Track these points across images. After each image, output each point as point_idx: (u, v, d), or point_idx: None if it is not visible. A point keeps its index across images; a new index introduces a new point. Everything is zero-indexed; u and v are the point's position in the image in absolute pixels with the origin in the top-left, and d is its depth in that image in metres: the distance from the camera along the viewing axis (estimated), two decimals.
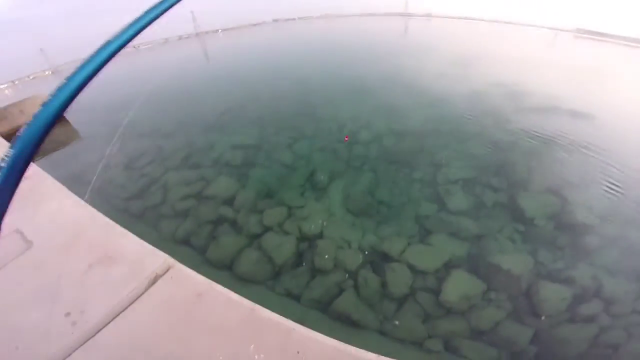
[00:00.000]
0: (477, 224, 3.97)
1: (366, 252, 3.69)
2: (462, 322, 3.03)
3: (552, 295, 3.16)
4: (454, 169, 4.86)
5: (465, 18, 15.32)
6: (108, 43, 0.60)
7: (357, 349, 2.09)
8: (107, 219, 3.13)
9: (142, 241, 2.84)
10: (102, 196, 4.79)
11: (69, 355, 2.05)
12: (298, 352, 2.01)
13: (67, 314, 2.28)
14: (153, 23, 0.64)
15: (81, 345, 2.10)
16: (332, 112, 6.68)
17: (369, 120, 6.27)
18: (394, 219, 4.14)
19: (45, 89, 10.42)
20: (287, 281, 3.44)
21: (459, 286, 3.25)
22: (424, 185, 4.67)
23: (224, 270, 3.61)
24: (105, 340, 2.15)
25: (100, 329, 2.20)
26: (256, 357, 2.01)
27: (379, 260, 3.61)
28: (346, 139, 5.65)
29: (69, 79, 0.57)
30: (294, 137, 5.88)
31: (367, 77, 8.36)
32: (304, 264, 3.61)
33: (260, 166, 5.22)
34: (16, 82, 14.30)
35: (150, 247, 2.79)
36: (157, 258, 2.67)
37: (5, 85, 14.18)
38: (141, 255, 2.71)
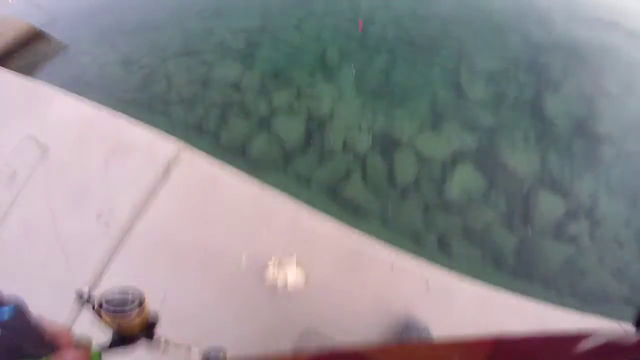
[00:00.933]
0: (493, 116, 3.74)
1: (376, 136, 3.60)
2: (458, 218, 3.06)
3: (548, 206, 3.11)
4: (481, 58, 4.38)
5: None
6: None
7: (362, 234, 2.20)
8: (110, 111, 3.05)
9: (149, 127, 2.81)
10: (104, 92, 4.65)
11: (110, 257, 2.20)
12: (306, 233, 2.13)
13: (99, 216, 2.39)
14: None
15: (117, 245, 2.23)
16: None
17: (389, 1, 5.44)
18: (407, 102, 3.93)
19: (9, 11, 9.20)
20: (297, 164, 3.48)
21: (463, 180, 3.21)
22: (445, 71, 4.29)
23: (238, 156, 3.65)
24: (137, 236, 2.26)
25: (131, 227, 2.29)
26: (268, 237, 2.12)
27: (388, 144, 3.54)
28: (360, 27, 4.97)
29: None
30: (301, 17, 5.24)
31: None
32: (312, 146, 3.59)
33: (265, 47, 4.80)
34: None
35: (158, 132, 2.77)
36: (166, 143, 2.67)
37: None
38: (152, 141, 2.71)
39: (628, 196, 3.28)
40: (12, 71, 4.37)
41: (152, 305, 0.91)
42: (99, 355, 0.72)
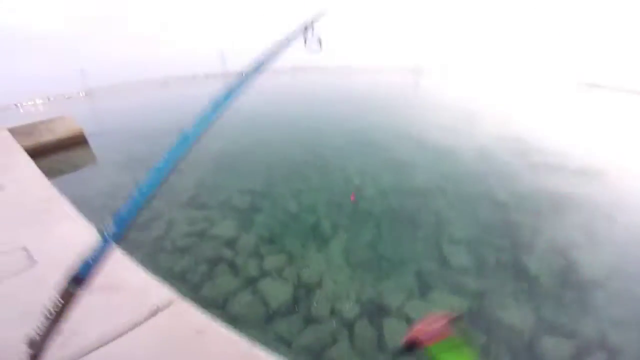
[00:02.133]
0: (479, 282, 3.91)
1: (364, 305, 3.59)
2: None
3: (556, 348, 3.09)
4: (457, 228, 4.88)
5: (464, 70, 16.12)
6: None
7: None
8: (115, 247, 3.17)
9: (147, 273, 2.85)
10: (105, 223, 4.83)
11: None
12: None
13: (59, 333, 2.30)
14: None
15: None
16: (340, 164, 6.90)
17: (375, 177, 6.43)
18: (394, 274, 4.07)
19: (75, 110, 10.96)
20: (280, 326, 3.34)
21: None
22: (427, 243, 4.65)
23: (217, 309, 3.53)
24: None
25: (88, 353, 2.13)
26: None
27: (376, 313, 3.51)
28: (352, 198, 5.65)
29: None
30: (300, 188, 6.03)
31: (378, 130, 8.72)
32: (298, 310, 3.52)
33: (265, 212, 5.31)
34: (51, 99, 15.08)
35: (155, 280, 2.78)
36: (160, 291, 2.66)
37: (41, 101, 14.97)
38: (146, 287, 2.71)
39: (634, 323, 3.29)
40: (42, 173, 4.84)
41: None
42: None
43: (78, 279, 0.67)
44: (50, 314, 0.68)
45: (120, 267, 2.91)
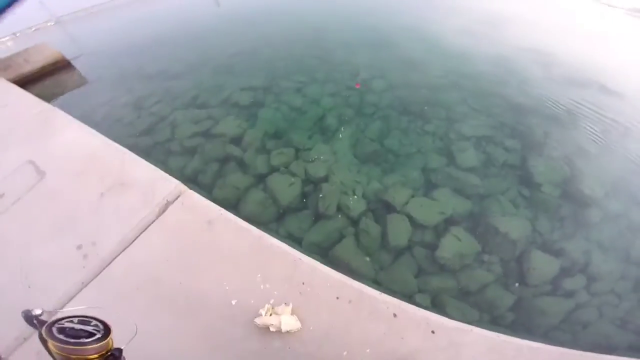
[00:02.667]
0: (483, 183, 3.92)
1: (370, 200, 3.69)
2: (452, 280, 3.09)
3: (542, 265, 3.18)
4: (468, 126, 4.69)
5: None
6: None
7: (361, 284, 2.11)
8: (119, 146, 3.08)
9: (154, 167, 2.80)
10: (111, 133, 4.83)
11: (80, 291, 2.03)
12: (303, 283, 2.02)
13: (79, 247, 2.26)
14: None
15: (92, 279, 2.07)
16: (346, 58, 6.31)
17: (384, 70, 5.93)
18: (400, 168, 4.09)
19: (48, 39, 10.00)
20: (290, 223, 3.50)
21: (455, 244, 3.27)
22: (435, 138, 4.54)
23: (229, 209, 3.70)
24: (116, 272, 2.11)
25: (111, 261, 2.16)
26: (262, 286, 2.00)
27: (381, 209, 3.62)
28: (357, 85, 5.42)
29: None
30: (304, 81, 5.65)
31: (388, 28, 7.73)
32: (307, 207, 3.65)
33: (269, 107, 5.10)
34: (17, 35, 13.69)
35: (162, 173, 2.74)
36: (168, 184, 2.63)
37: (7, 37, 13.61)
38: (153, 181, 2.67)
39: (620, 252, 3.37)
40: (32, 95, 4.61)
41: (118, 343, 0.78)
42: None
43: None
44: None
45: (125, 163, 2.91)
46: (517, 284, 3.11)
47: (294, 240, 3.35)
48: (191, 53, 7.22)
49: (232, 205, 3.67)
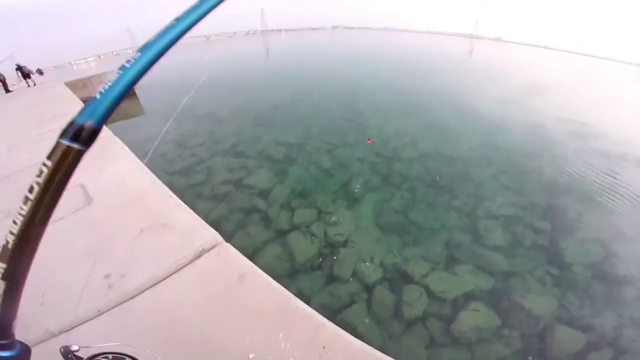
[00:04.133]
0: (509, 262, 3.76)
1: (387, 269, 3.61)
2: (465, 352, 2.92)
3: (566, 339, 2.98)
4: (497, 204, 4.59)
5: (540, 46, 14.26)
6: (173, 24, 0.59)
7: (384, 354, 2.02)
8: (166, 188, 3.22)
9: (195, 215, 2.86)
10: (154, 166, 5.22)
11: (94, 317, 2.03)
12: (324, 347, 1.97)
13: (107, 276, 2.28)
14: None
15: (111, 309, 2.07)
16: (378, 123, 6.63)
17: (416, 138, 6.11)
18: (423, 242, 4.00)
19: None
20: (302, 281, 3.47)
21: (474, 318, 3.13)
22: (462, 214, 4.45)
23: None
24: (138, 307, 2.11)
25: (135, 296, 2.17)
26: (283, 345, 1.96)
27: (398, 279, 3.52)
28: (369, 140, 5.54)
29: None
30: (336, 143, 5.93)
31: (422, 93, 8.14)
32: (322, 267, 3.62)
33: (299, 166, 5.34)
34: (101, 57, 16.38)
35: (202, 221, 2.79)
36: (206, 233, 2.66)
37: (92, 58, 16.33)
38: (192, 228, 2.71)
39: None
40: None
41: None
42: None
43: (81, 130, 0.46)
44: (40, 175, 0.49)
45: (169, 205, 3.00)
46: (534, 358, 2.91)
47: (304, 298, 3.28)
48: (238, 99, 7.94)
49: (249, 255, 3.71)
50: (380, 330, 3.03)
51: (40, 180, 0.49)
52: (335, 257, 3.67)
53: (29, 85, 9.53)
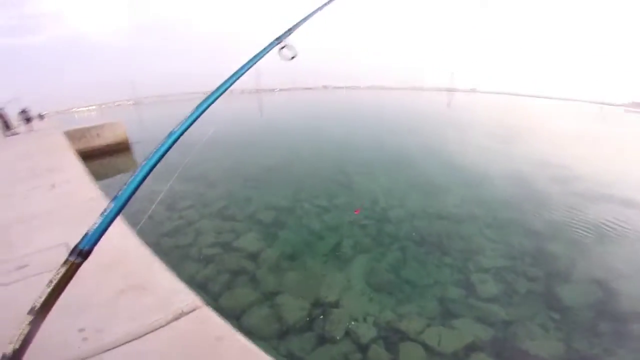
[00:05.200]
0: (506, 311, 3.70)
1: (381, 327, 3.47)
2: None
3: None
4: (486, 257, 4.64)
5: (510, 93, 15.56)
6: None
7: None
8: (150, 252, 3.27)
9: (177, 278, 2.91)
10: (141, 227, 5.18)
11: None
12: None
13: (81, 330, 2.30)
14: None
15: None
16: (367, 184, 6.87)
17: (402, 198, 6.31)
18: (416, 299, 3.91)
19: (125, 117, 11.90)
20: (292, 343, 3.30)
21: None
22: (454, 270, 4.44)
23: (231, 320, 3.57)
24: None
25: (109, 350, 2.16)
26: None
27: (393, 336, 3.37)
28: (357, 212, 5.68)
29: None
30: (325, 206, 6.05)
31: (405, 148, 8.59)
32: (313, 329, 3.45)
33: (289, 230, 5.37)
34: (102, 106, 17.04)
35: (183, 285, 2.83)
36: (186, 296, 2.69)
37: (94, 106, 16.97)
38: (173, 291, 2.75)
39: None
40: (92, 178, 5.06)
41: None
42: None
43: (81, 251, 0.84)
44: (51, 283, 0.80)
45: (151, 269, 3.02)
46: None
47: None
48: (229, 160, 8.21)
49: (236, 316, 3.57)
50: None
51: (49, 289, 0.75)
52: (326, 318, 3.53)
53: (29, 130, 9.67)
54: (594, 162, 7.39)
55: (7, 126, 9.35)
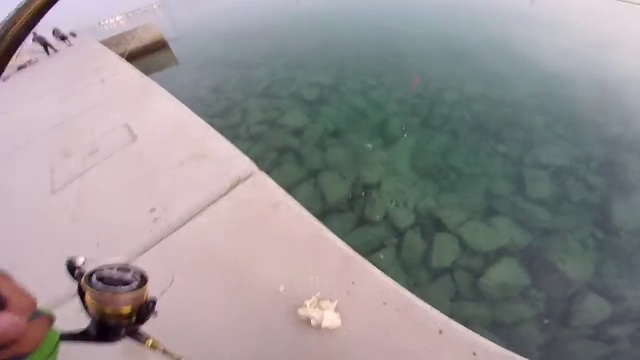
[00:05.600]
0: (552, 218, 3.48)
1: (420, 215, 3.51)
2: (488, 310, 2.86)
3: (593, 308, 2.82)
4: (548, 153, 4.17)
5: None
6: None
7: (413, 295, 2.04)
8: (203, 122, 3.33)
9: (232, 146, 2.92)
10: (192, 111, 5.41)
11: (142, 253, 2.14)
12: (353, 283, 1.94)
13: (152, 210, 2.40)
14: None
15: (155, 245, 2.17)
16: (420, 66, 6.08)
17: (462, 82, 5.54)
18: (461, 189, 3.81)
19: (153, 19, 11.41)
20: (332, 223, 3.48)
21: (503, 275, 3.02)
22: (508, 162, 4.11)
23: None
24: (179, 241, 2.20)
25: (177, 229, 2.26)
26: (311, 278, 1.95)
27: (430, 226, 3.43)
28: (416, 81, 5.12)
29: None
30: (372, 84, 5.60)
31: (471, 39, 7.17)
32: (353, 209, 3.61)
33: (332, 106, 5.18)
34: (129, 15, 16.45)
35: (239, 151, 2.85)
36: (243, 162, 2.72)
37: (120, 17, 16.48)
38: (230, 158, 2.78)
39: None
40: (136, 69, 5.39)
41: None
42: (56, 339, 0.47)
43: None
44: None
45: (208, 137, 3.11)
46: (553, 323, 2.83)
47: None
48: (269, 46, 7.68)
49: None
50: (407, 277, 3.03)
51: None
52: (367, 199, 3.63)
53: (68, 46, 10.29)
54: None
55: (48, 46, 9.70)
